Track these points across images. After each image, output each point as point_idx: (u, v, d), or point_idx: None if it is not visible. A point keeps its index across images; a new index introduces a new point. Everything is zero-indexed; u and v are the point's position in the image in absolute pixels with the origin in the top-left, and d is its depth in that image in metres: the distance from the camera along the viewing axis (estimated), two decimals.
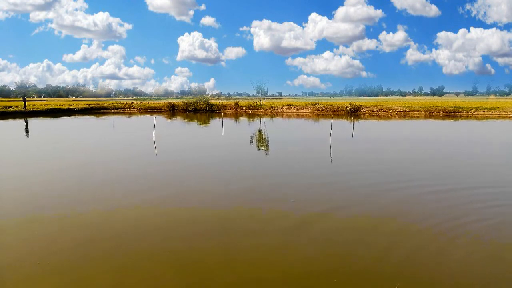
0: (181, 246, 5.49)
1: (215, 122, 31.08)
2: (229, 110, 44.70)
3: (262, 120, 32.70)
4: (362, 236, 5.84)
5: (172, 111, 45.34)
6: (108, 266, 4.89)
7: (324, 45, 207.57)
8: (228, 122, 31.02)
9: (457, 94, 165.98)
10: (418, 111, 38.42)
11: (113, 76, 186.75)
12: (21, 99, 47.35)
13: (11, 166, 11.60)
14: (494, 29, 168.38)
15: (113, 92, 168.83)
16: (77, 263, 4.94)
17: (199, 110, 44.47)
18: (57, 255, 5.17)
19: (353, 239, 5.71)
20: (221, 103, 47.06)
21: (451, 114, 36.78)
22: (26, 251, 5.33)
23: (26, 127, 26.15)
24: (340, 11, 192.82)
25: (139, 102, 55.22)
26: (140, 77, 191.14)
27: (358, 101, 53.67)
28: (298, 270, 4.77)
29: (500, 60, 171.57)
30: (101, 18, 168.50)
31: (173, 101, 54.18)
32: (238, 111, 43.72)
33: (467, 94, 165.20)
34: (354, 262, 5.02)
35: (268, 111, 43.02)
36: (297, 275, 4.64)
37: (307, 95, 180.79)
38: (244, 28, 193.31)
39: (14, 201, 7.74)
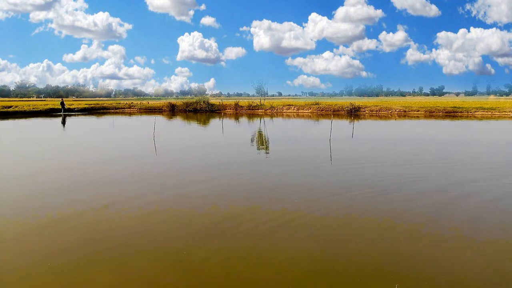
0: (181, 246, 5.48)
1: (215, 122, 31.08)
2: (229, 110, 44.69)
3: (262, 120, 32.69)
4: (362, 235, 5.83)
5: (172, 111, 45.30)
6: (109, 266, 4.88)
7: (324, 45, 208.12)
8: (228, 122, 31.02)
9: (457, 94, 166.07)
10: (418, 111, 38.43)
11: (113, 76, 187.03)
12: (59, 100, 47.93)
13: (11, 166, 11.60)
14: (494, 29, 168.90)
15: (113, 92, 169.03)
16: (77, 263, 4.94)
17: (199, 110, 44.44)
18: (57, 255, 5.16)
19: (353, 239, 5.71)
20: (221, 103, 47.02)
21: (451, 114, 36.79)
22: (26, 251, 5.33)
23: (64, 122, 26.92)
24: (340, 11, 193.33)
25: (139, 102, 55.18)
26: (140, 77, 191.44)
27: (358, 101, 53.67)
28: (299, 270, 4.77)
29: (500, 60, 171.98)
30: (101, 18, 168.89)
31: (173, 101, 54.16)
32: (238, 111, 43.71)
33: (467, 94, 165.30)
34: (354, 261, 5.01)
35: (268, 111, 43.01)
36: (298, 275, 4.63)
37: (307, 95, 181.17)
38: (244, 28, 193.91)
39: (14, 201, 7.73)
